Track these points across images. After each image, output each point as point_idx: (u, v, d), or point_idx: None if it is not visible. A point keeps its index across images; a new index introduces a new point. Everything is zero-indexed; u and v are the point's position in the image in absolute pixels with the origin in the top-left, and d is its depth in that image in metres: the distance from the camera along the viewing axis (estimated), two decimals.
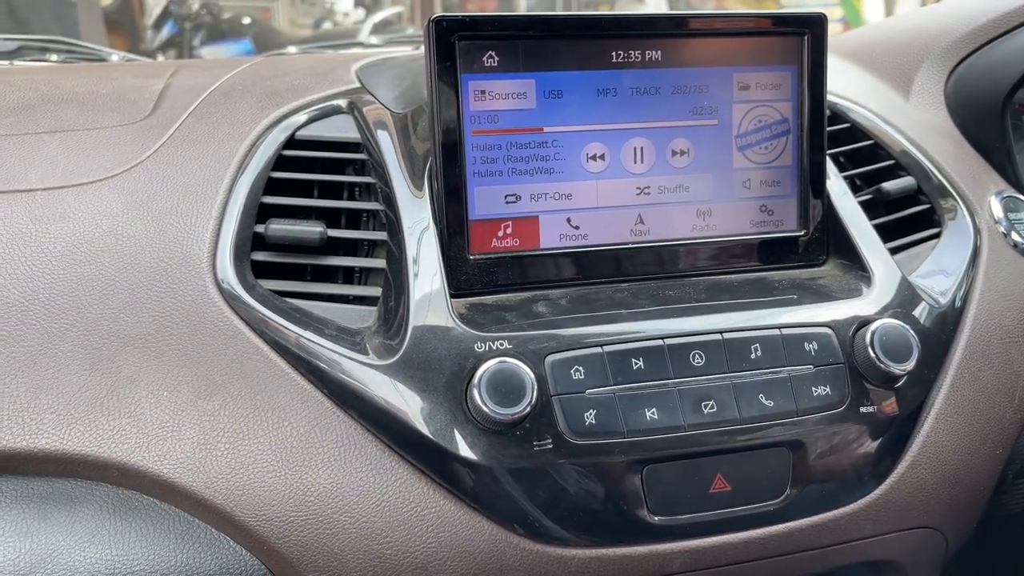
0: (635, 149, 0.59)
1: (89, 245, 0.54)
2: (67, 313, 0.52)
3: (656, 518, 0.53)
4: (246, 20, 5.74)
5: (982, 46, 0.77)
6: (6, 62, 1.14)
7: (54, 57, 1.19)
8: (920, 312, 0.60)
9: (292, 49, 1.50)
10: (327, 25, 6.74)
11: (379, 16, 5.32)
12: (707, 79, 0.60)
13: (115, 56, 1.26)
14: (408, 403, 0.51)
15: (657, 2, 7.83)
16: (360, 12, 6.92)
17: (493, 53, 0.56)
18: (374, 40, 1.53)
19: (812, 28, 0.61)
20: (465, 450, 0.50)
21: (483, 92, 0.56)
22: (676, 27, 0.59)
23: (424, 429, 0.51)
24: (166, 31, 5.42)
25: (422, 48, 1.08)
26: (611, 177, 0.59)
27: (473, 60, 0.56)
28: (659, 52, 0.59)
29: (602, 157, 0.59)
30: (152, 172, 0.58)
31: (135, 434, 0.51)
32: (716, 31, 0.60)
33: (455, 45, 0.55)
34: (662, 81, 0.59)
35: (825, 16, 0.61)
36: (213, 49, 5.26)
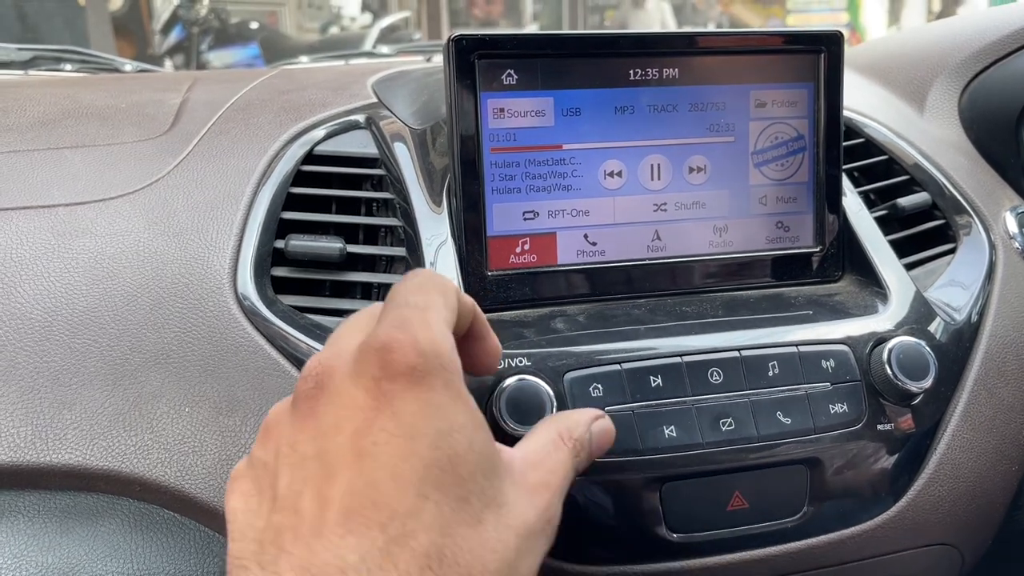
0: (652, 166, 0.60)
1: (111, 261, 0.55)
2: (89, 329, 0.52)
3: (674, 535, 0.53)
4: (253, 25, 5.77)
5: (996, 61, 0.77)
6: (21, 72, 1.15)
7: (68, 67, 1.20)
8: (936, 329, 0.60)
9: (304, 59, 1.51)
10: (334, 30, 6.77)
11: (386, 21, 5.34)
12: (724, 96, 0.60)
13: (128, 66, 1.27)
14: None
15: (659, 5, 7.85)
16: (367, 16, 6.94)
17: (512, 71, 0.56)
18: (384, 49, 1.53)
19: (829, 46, 0.61)
20: None
21: (502, 110, 0.56)
22: (693, 45, 0.60)
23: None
24: (174, 36, 5.45)
25: (435, 60, 1.09)
26: (628, 194, 0.59)
27: (492, 78, 0.56)
28: (676, 70, 0.59)
29: (619, 174, 0.59)
30: (173, 188, 0.58)
31: (157, 449, 0.51)
32: (733, 49, 0.60)
33: (474, 64, 0.55)
34: (679, 99, 0.59)
35: (842, 34, 0.61)
36: (220, 54, 5.28)
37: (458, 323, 0.42)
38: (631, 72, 0.58)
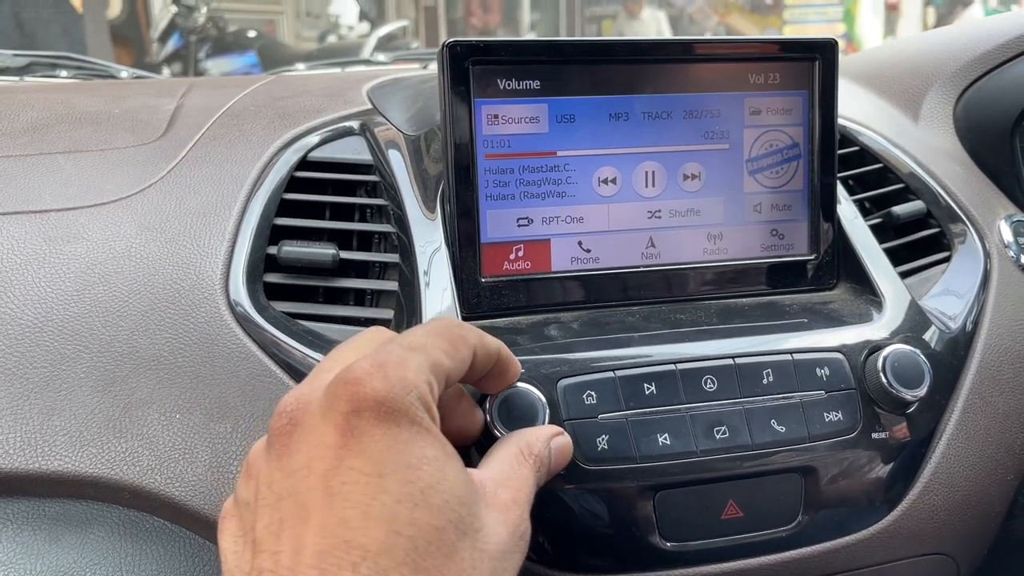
0: (647, 173, 0.60)
1: (103, 266, 0.54)
2: (80, 335, 0.52)
3: (668, 544, 0.53)
4: (251, 33, 5.78)
5: (991, 70, 0.77)
6: (16, 78, 1.15)
7: (64, 73, 1.20)
8: (931, 337, 0.60)
9: (300, 66, 1.51)
10: (332, 39, 6.78)
11: (384, 30, 5.35)
12: (719, 104, 0.60)
13: (124, 72, 1.27)
14: None
15: (655, 15, 7.88)
16: (365, 25, 6.95)
17: (506, 78, 0.56)
18: (381, 57, 1.53)
19: (823, 54, 0.61)
20: None
21: (496, 116, 0.56)
22: (688, 52, 0.59)
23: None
24: (171, 44, 5.46)
25: (431, 67, 1.09)
26: (622, 201, 0.59)
27: (487, 85, 0.56)
28: (671, 77, 0.59)
29: (614, 181, 0.59)
30: (165, 193, 0.58)
31: (147, 456, 0.51)
32: (728, 56, 0.60)
33: (469, 70, 0.55)
34: (674, 106, 0.59)
35: (836, 42, 0.61)
36: (218, 62, 5.29)
37: (473, 370, 0.43)
38: (626, 79, 0.58)
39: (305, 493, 0.36)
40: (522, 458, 0.44)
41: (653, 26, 7.78)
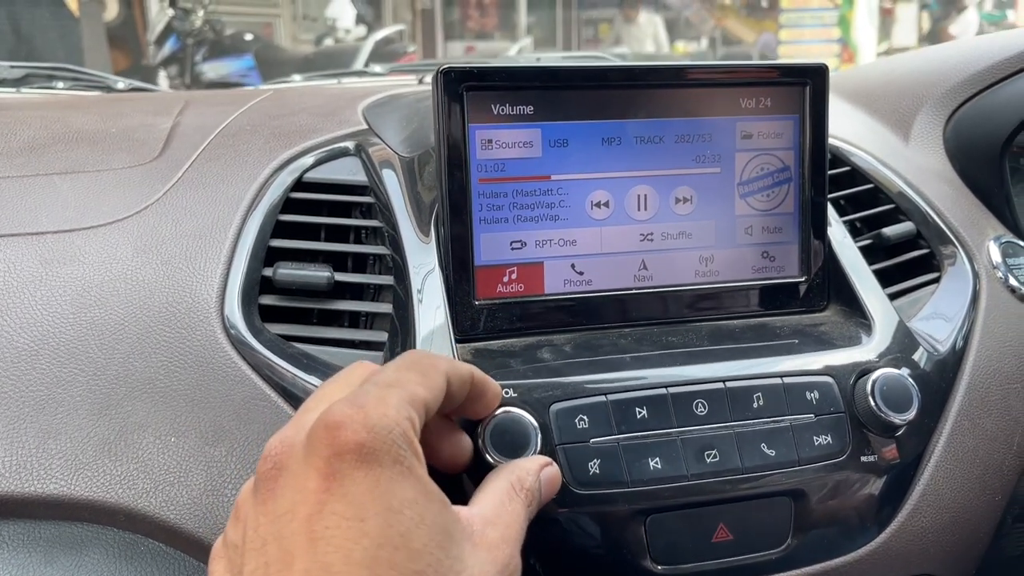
0: (639, 196, 0.60)
1: (99, 289, 0.55)
2: (76, 358, 0.52)
3: (659, 567, 0.53)
4: (248, 36, 5.78)
5: (981, 91, 0.78)
6: (13, 90, 1.15)
7: (60, 85, 1.20)
8: (920, 359, 0.61)
9: (297, 77, 1.52)
10: (329, 42, 6.78)
11: (380, 34, 5.35)
12: (710, 128, 0.61)
13: (120, 83, 1.27)
14: None
15: (652, 19, 7.88)
16: (361, 29, 6.95)
17: (500, 103, 0.57)
18: (377, 68, 1.54)
19: (814, 78, 0.62)
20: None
21: (490, 141, 0.57)
22: (680, 77, 0.60)
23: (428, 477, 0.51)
24: (168, 47, 5.46)
25: (427, 80, 1.09)
26: (615, 224, 0.60)
27: (481, 110, 0.56)
28: (663, 102, 0.60)
29: (606, 204, 0.60)
30: (162, 215, 0.59)
31: (143, 479, 0.51)
32: (720, 82, 0.61)
33: (463, 95, 0.56)
34: (666, 130, 0.60)
35: (826, 67, 0.62)
36: (215, 65, 5.29)
37: (450, 397, 0.44)
38: (619, 104, 0.59)
39: (289, 538, 0.36)
40: (513, 493, 0.44)
41: (649, 30, 7.79)
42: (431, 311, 0.57)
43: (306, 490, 0.37)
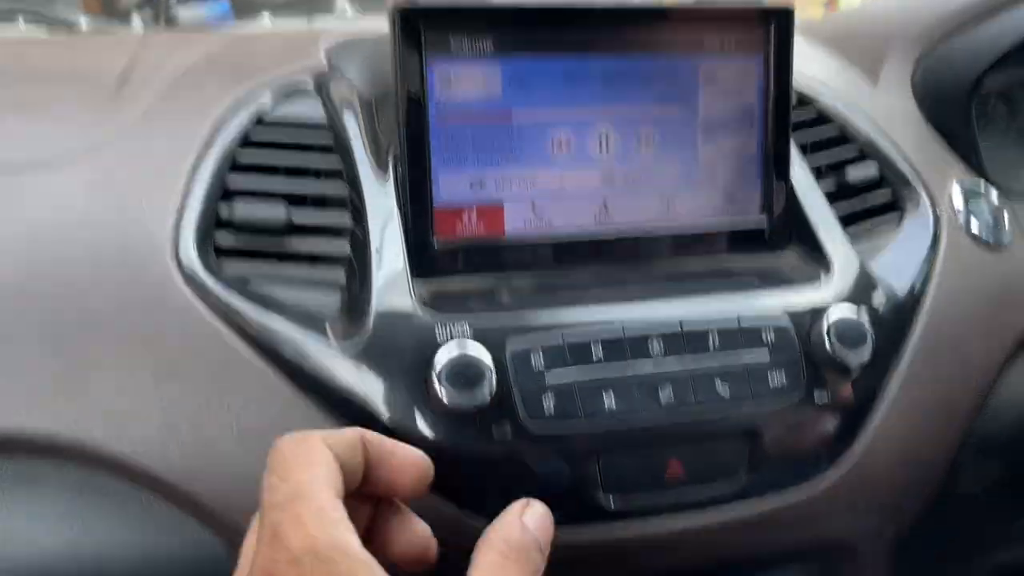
0: (601, 136, 0.60)
1: (51, 227, 0.54)
2: (28, 296, 0.52)
3: (612, 502, 0.54)
4: None
5: (950, 34, 0.77)
6: None
7: (21, 20, 1.17)
8: (878, 301, 0.61)
9: (266, 17, 1.48)
10: None
11: None
12: (674, 68, 0.60)
13: (84, 23, 1.24)
14: (369, 389, 0.52)
15: None
16: None
17: (460, 40, 0.56)
18: (348, 9, 1.50)
19: (779, 19, 0.61)
20: (424, 436, 0.51)
21: (449, 79, 0.56)
22: (644, 17, 0.59)
23: (384, 415, 0.51)
24: None
25: None
26: (576, 164, 0.59)
27: (439, 47, 0.55)
28: (626, 40, 0.59)
29: (568, 144, 0.59)
30: (115, 153, 0.58)
31: (97, 416, 0.51)
32: (684, 21, 0.60)
33: (421, 32, 0.55)
34: (629, 70, 0.59)
35: (792, 8, 0.61)
36: (190, 8, 5.16)
37: (347, 471, 0.40)
38: (580, 41, 0.58)
39: None
40: (507, 562, 0.39)
41: None
42: (389, 252, 0.56)
43: None
